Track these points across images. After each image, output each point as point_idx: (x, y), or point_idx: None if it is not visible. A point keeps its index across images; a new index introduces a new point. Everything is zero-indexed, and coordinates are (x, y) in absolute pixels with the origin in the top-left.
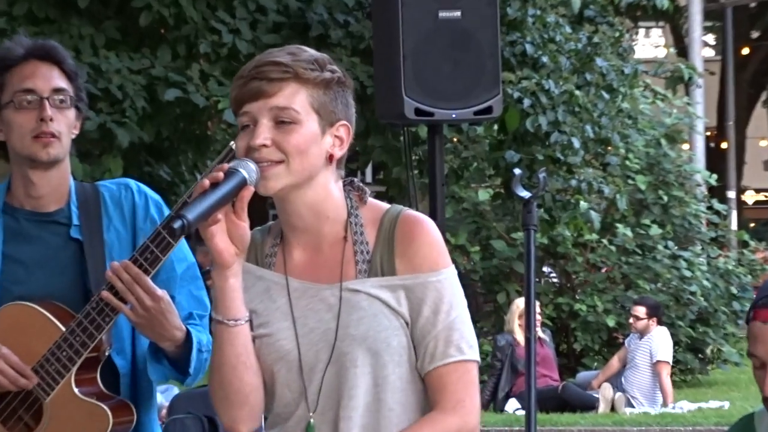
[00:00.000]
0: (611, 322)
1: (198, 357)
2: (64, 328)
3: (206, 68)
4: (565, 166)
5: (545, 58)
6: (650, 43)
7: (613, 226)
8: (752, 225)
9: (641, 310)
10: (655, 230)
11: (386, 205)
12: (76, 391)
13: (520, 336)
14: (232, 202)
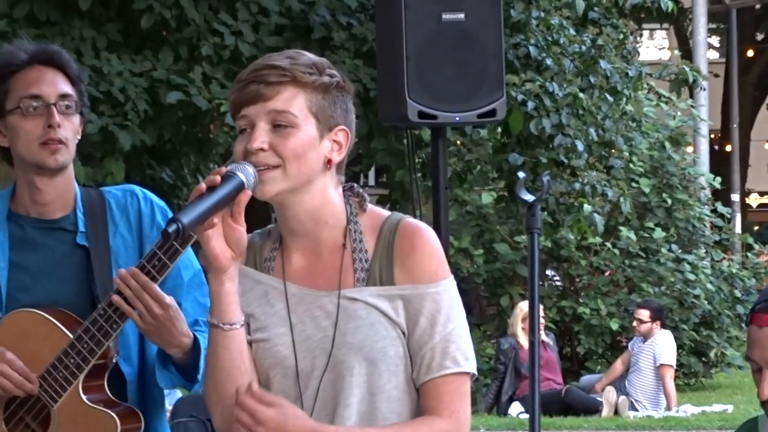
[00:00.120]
0: (615, 325)
1: None
2: (71, 334)
3: (208, 71)
4: (569, 169)
5: (549, 61)
6: (654, 46)
7: (616, 229)
8: (756, 228)
9: (645, 314)
10: (659, 233)
11: (386, 213)
12: (83, 398)
13: (524, 339)
14: (230, 206)
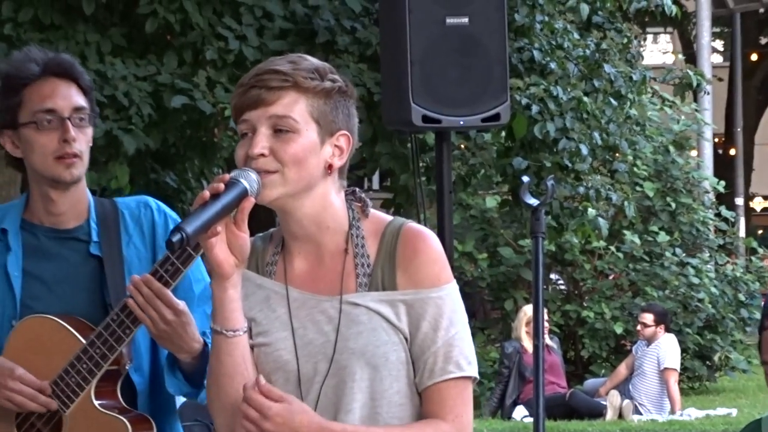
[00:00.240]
0: (619, 329)
1: None
2: (84, 340)
3: (213, 75)
4: (573, 173)
5: (553, 65)
6: (658, 50)
7: (620, 233)
8: (760, 232)
9: (649, 317)
10: (663, 237)
11: (388, 217)
12: (95, 403)
13: (528, 343)
14: (233, 213)
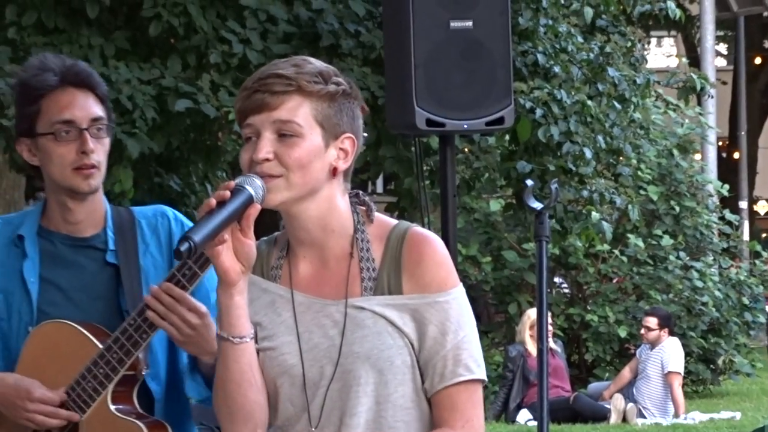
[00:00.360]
0: (623, 332)
1: None
2: (101, 345)
3: (216, 78)
4: (577, 177)
5: (557, 68)
6: (662, 53)
7: (624, 236)
8: (764, 235)
9: (653, 321)
10: (667, 241)
11: (393, 221)
12: (112, 408)
13: (532, 347)
14: (239, 220)
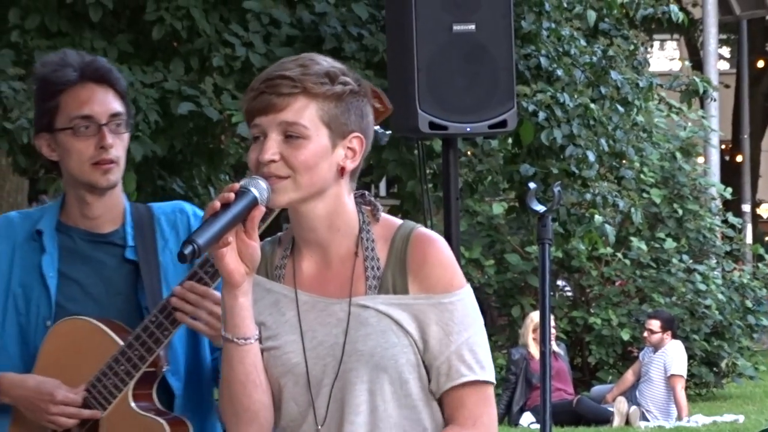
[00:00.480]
0: (626, 335)
1: None
2: (121, 342)
3: (219, 81)
4: (580, 180)
5: (560, 72)
6: (665, 56)
7: (627, 239)
8: (767, 238)
9: (656, 324)
10: (670, 244)
11: (398, 221)
12: (133, 405)
13: (535, 350)
14: (243, 222)
